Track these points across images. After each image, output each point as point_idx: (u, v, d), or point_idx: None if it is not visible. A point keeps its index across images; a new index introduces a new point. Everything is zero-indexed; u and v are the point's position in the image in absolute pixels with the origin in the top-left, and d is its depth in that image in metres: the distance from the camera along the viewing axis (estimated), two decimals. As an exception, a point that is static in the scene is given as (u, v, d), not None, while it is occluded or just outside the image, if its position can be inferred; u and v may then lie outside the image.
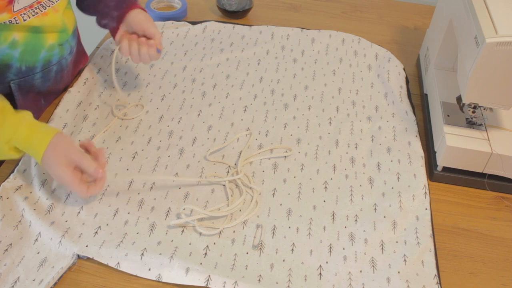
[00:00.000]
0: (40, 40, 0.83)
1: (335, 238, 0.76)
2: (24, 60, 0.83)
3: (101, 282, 0.70)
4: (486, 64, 0.75)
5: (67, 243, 0.72)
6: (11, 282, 0.68)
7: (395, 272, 0.72)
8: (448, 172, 0.86)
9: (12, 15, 0.76)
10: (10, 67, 0.83)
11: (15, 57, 0.81)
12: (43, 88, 0.92)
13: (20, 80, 0.86)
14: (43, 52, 0.85)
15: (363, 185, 0.84)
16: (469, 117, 0.87)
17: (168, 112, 0.97)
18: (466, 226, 0.81)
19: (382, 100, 1.02)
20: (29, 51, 0.82)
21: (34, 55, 0.84)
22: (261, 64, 1.10)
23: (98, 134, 0.90)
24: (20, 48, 0.81)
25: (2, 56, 0.79)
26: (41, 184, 0.80)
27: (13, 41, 0.79)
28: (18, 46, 0.80)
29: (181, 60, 1.10)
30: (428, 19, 1.31)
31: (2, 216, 0.76)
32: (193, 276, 0.69)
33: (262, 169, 0.86)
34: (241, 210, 0.79)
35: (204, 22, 1.21)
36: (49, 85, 0.93)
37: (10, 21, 0.76)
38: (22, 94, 0.88)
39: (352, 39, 1.18)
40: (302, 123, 0.95)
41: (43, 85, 0.91)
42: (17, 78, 0.86)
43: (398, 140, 0.92)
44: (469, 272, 0.74)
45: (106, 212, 0.78)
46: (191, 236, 0.75)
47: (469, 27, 0.80)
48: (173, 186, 0.83)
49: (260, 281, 0.70)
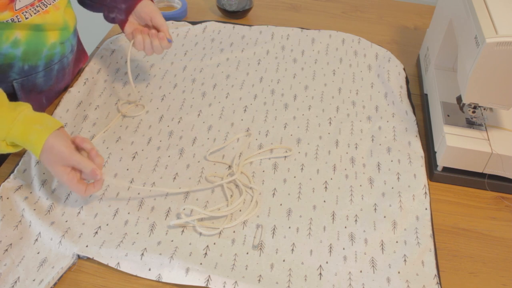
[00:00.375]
0: (42, 39, 0.83)
1: (335, 238, 0.76)
2: (26, 59, 0.83)
3: (101, 282, 0.70)
4: (486, 64, 0.75)
5: (67, 243, 0.72)
6: (11, 282, 0.68)
7: (395, 272, 0.72)
8: (448, 172, 0.86)
9: (14, 14, 0.76)
10: (12, 66, 0.83)
11: (18, 56, 0.81)
12: (45, 87, 0.92)
13: (23, 79, 0.86)
14: (45, 51, 0.85)
15: (363, 185, 0.84)
16: (469, 117, 0.87)
17: (168, 112, 0.97)
18: (466, 226, 0.81)
19: (382, 100, 1.02)
20: (31, 50, 0.82)
21: (36, 53, 0.84)
22: (261, 64, 1.10)
23: (98, 134, 0.90)
24: (22, 47, 0.81)
25: (4, 55, 0.80)
26: (41, 184, 0.80)
27: (15, 40, 0.79)
28: (20, 45, 0.80)
29: (181, 60, 1.10)
30: (428, 19, 1.31)
31: (2, 216, 0.76)
32: (193, 276, 0.69)
33: (262, 169, 0.86)
34: (241, 210, 0.79)
35: (204, 22, 1.21)
36: (51, 84, 0.93)
37: (12, 20, 0.76)
38: (25, 93, 0.89)
39: (352, 39, 1.18)
40: (302, 123, 0.95)
41: (45, 84, 0.91)
42: (20, 77, 0.86)
43: (398, 140, 0.92)
44: (469, 272, 0.74)
45: (106, 212, 0.78)
46: (191, 236, 0.75)
47: (469, 27, 0.80)
48: (173, 186, 0.83)
49: (260, 281, 0.70)
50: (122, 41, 1.13)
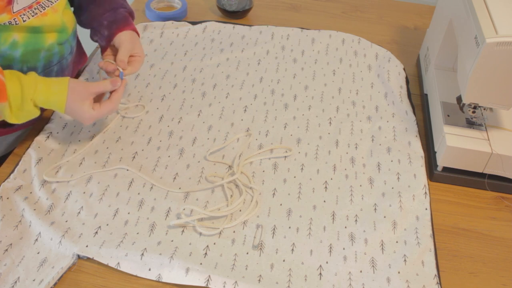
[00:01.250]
0: (39, 40, 0.83)
1: (335, 238, 0.76)
2: (25, 61, 0.83)
3: (101, 282, 0.70)
4: (486, 64, 0.75)
5: (67, 243, 0.72)
6: (11, 282, 0.68)
7: (395, 272, 0.72)
8: (448, 172, 0.86)
9: (11, 16, 0.76)
10: (11, 68, 0.83)
11: (16, 58, 0.81)
12: None
13: None
14: (43, 52, 0.85)
15: (363, 185, 0.84)
16: (469, 117, 0.87)
17: (168, 112, 0.97)
18: (466, 226, 0.81)
19: (382, 100, 1.02)
20: (30, 52, 0.82)
21: (34, 55, 0.84)
22: (261, 64, 1.10)
23: (98, 134, 0.90)
24: (21, 49, 0.81)
25: (3, 58, 0.80)
26: (41, 184, 0.80)
27: (13, 42, 0.79)
28: (18, 47, 0.80)
29: (181, 60, 1.10)
30: (428, 19, 1.31)
31: (2, 216, 0.76)
32: (193, 276, 0.69)
33: (262, 169, 0.86)
34: (241, 210, 0.79)
35: (204, 22, 1.21)
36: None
37: (10, 22, 0.76)
38: None
39: (352, 39, 1.18)
40: (302, 123, 0.95)
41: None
42: None
43: (398, 140, 0.92)
44: (469, 272, 0.74)
45: (106, 212, 0.78)
46: (191, 236, 0.75)
47: (469, 27, 0.80)
48: (173, 186, 0.83)
49: (260, 281, 0.70)
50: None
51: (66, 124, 0.92)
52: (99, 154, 0.87)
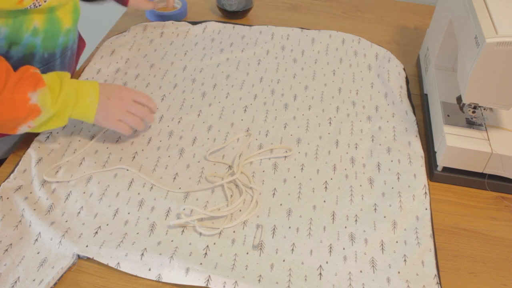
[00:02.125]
0: (57, 25, 0.85)
1: (335, 238, 0.76)
2: (45, 47, 0.85)
3: (101, 282, 0.70)
4: (486, 64, 0.75)
5: (67, 243, 0.72)
6: (11, 282, 0.68)
7: (395, 272, 0.72)
8: (448, 172, 0.86)
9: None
10: (34, 55, 0.85)
11: (38, 44, 0.83)
12: None
13: (43, 67, 0.88)
14: (61, 37, 0.87)
15: (363, 185, 0.84)
16: (469, 117, 0.87)
17: (168, 112, 0.97)
18: (466, 226, 0.81)
19: (382, 100, 1.02)
20: (49, 38, 0.85)
21: (53, 41, 0.86)
22: (261, 64, 1.10)
23: (98, 134, 0.90)
24: (41, 35, 0.83)
25: (26, 45, 0.82)
26: (41, 184, 0.80)
27: (34, 28, 0.81)
28: (39, 34, 0.82)
29: (181, 60, 1.10)
30: (428, 19, 1.31)
31: (2, 216, 0.76)
32: (193, 276, 0.69)
33: (262, 169, 0.86)
34: (241, 210, 0.79)
35: (204, 22, 1.21)
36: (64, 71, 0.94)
37: (34, 4, 0.77)
38: None
39: (352, 39, 1.18)
40: (302, 123, 0.95)
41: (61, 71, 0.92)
42: (42, 66, 0.87)
43: (398, 140, 0.92)
44: (469, 272, 0.74)
45: (106, 212, 0.78)
46: (191, 236, 0.75)
47: (469, 27, 0.80)
48: (173, 186, 0.83)
49: (260, 281, 0.70)
50: (122, 41, 1.13)
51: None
52: (99, 154, 0.87)
